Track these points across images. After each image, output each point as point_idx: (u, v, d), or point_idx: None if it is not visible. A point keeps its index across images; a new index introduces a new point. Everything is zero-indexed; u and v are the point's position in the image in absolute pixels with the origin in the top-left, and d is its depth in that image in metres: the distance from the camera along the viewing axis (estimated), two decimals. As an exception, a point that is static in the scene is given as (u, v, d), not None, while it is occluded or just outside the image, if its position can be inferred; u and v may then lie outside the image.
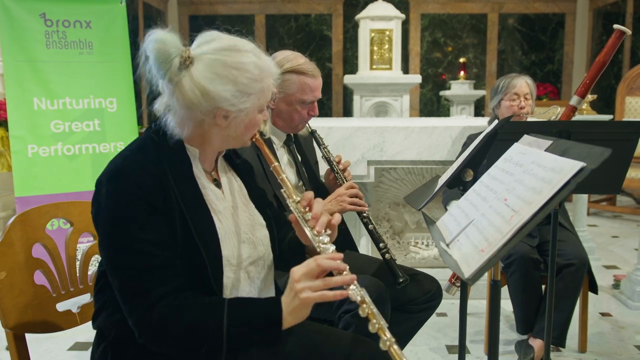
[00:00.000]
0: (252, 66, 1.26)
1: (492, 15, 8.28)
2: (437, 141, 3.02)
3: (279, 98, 1.99)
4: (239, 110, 1.26)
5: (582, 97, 2.72)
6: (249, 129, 1.33)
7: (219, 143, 1.34)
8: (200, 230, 1.25)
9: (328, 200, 1.97)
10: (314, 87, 1.99)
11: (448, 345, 2.76)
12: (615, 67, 7.32)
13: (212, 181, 1.38)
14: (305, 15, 8.23)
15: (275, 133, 2.07)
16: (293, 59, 1.98)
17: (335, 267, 1.17)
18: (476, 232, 1.21)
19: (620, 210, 5.74)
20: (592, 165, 1.04)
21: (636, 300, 3.22)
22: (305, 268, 1.17)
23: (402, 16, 6.69)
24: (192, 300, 1.20)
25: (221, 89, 1.22)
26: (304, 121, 2.05)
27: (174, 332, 1.18)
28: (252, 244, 1.37)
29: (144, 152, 1.27)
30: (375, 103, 6.40)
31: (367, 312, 1.13)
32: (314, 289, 1.15)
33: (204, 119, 1.27)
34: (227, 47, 1.26)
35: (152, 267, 1.18)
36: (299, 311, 1.18)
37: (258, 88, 1.27)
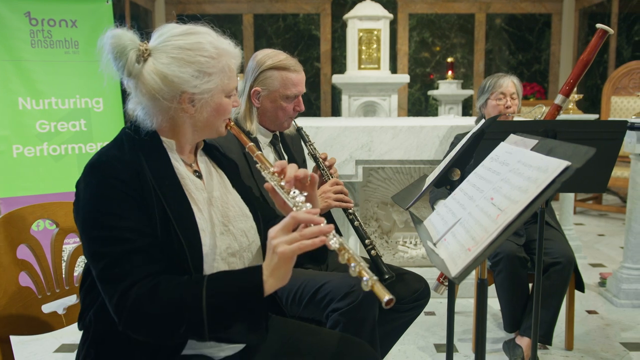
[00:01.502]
0: (208, 45, 1.27)
1: (479, 15, 8.32)
2: (425, 141, 3.03)
3: (262, 96, 1.99)
4: (203, 91, 1.27)
5: (566, 96, 2.74)
6: (218, 113, 1.33)
7: (191, 132, 1.34)
8: (179, 220, 1.24)
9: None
10: (297, 81, 1.99)
11: (436, 344, 2.77)
12: (601, 67, 7.39)
13: (193, 172, 1.38)
14: (293, 14, 8.23)
15: (261, 132, 2.07)
16: (273, 56, 1.99)
17: (311, 219, 1.14)
18: (463, 231, 1.22)
19: (606, 208, 5.80)
20: (577, 164, 1.05)
21: (622, 298, 3.26)
22: (281, 224, 1.14)
23: (390, 16, 6.70)
24: (169, 280, 1.19)
25: (180, 72, 1.24)
26: (290, 118, 2.05)
27: (149, 312, 1.15)
28: (232, 235, 1.36)
29: (120, 148, 1.28)
30: (363, 103, 6.41)
31: (347, 257, 1.10)
32: (290, 242, 1.12)
33: (170, 107, 1.27)
34: (182, 32, 1.28)
35: (129, 253, 1.18)
36: (279, 269, 1.14)
37: (218, 67, 1.28)
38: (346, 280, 1.78)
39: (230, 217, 1.38)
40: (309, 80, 8.37)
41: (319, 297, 1.80)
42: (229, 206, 1.40)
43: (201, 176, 1.39)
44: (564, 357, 2.64)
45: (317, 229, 1.13)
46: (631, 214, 3.23)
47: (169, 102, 1.27)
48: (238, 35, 8.20)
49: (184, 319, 1.15)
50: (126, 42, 1.25)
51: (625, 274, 3.28)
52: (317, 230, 1.13)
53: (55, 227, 1.67)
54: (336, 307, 1.74)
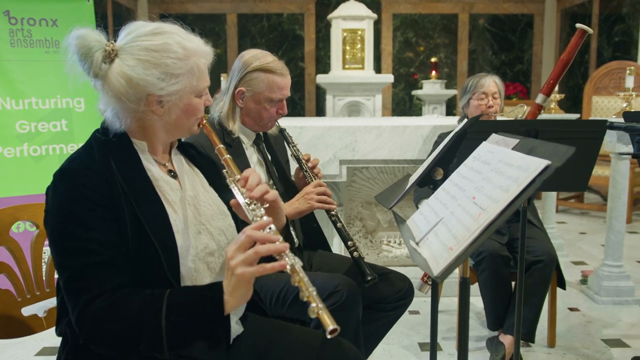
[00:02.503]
0: (175, 46, 1.25)
1: (462, 16, 8.37)
2: (409, 140, 3.04)
3: (247, 97, 1.98)
4: (170, 93, 1.25)
5: (547, 95, 2.77)
6: (188, 114, 1.31)
7: (163, 133, 1.33)
8: (152, 222, 1.23)
9: (296, 198, 1.97)
10: (282, 85, 1.98)
11: (421, 342, 2.79)
12: (582, 67, 7.47)
13: (168, 172, 1.36)
14: (277, 14, 8.21)
15: (245, 132, 2.06)
16: (261, 57, 1.98)
17: (266, 238, 1.13)
18: (445, 231, 1.22)
19: (588, 207, 5.87)
20: (557, 163, 1.05)
21: (603, 295, 3.30)
22: (236, 243, 1.13)
23: (374, 16, 6.72)
24: (130, 295, 1.17)
25: (144, 74, 1.22)
26: (273, 120, 2.05)
27: (109, 327, 1.14)
28: (210, 235, 1.35)
29: (89, 152, 1.27)
30: (347, 102, 6.41)
31: (298, 279, 1.09)
32: (247, 262, 1.11)
33: (137, 109, 1.26)
34: (148, 32, 1.26)
35: (93, 266, 1.16)
36: (239, 290, 1.13)
37: (185, 68, 1.26)
38: (330, 281, 1.78)
39: (207, 216, 1.36)
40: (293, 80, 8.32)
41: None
42: (206, 205, 1.39)
43: (176, 176, 1.38)
44: (546, 355, 2.67)
45: (273, 247, 1.11)
46: (612, 212, 3.27)
47: (136, 104, 1.25)
48: (222, 35, 8.17)
49: (143, 336, 1.14)
50: (92, 42, 1.22)
51: (606, 272, 3.32)
52: (273, 248, 1.11)
53: (36, 229, 1.65)
54: (320, 308, 1.74)
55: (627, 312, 3.16)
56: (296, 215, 1.95)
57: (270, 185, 2.08)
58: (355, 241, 1.99)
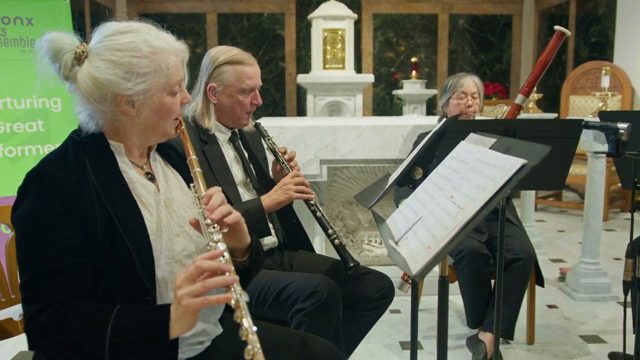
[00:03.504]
0: (141, 44, 1.23)
1: (442, 16, 8.42)
2: (389, 140, 3.05)
3: (219, 92, 1.98)
4: (138, 92, 1.23)
5: (526, 95, 2.80)
6: (162, 114, 1.29)
7: (136, 134, 1.31)
8: (126, 225, 1.21)
9: (274, 190, 1.97)
10: (251, 74, 1.99)
11: (402, 341, 2.80)
12: (560, 67, 7.57)
13: (145, 174, 1.35)
14: (257, 14, 8.18)
15: (219, 129, 2.05)
16: (226, 51, 1.99)
17: (216, 267, 1.09)
18: (424, 229, 1.23)
19: (566, 205, 5.94)
20: (533, 162, 1.06)
21: (581, 292, 3.34)
22: (184, 273, 1.10)
23: (355, 16, 6.73)
24: (78, 310, 1.15)
25: (109, 74, 1.21)
26: (248, 113, 2.04)
27: (54, 340, 1.13)
28: (188, 237, 1.34)
29: (64, 154, 1.25)
30: (328, 102, 6.42)
31: (240, 316, 1.04)
32: (193, 294, 1.07)
33: (107, 109, 1.24)
34: (115, 31, 1.25)
35: (50, 274, 1.15)
36: (184, 319, 1.10)
37: (152, 66, 1.23)
38: (310, 281, 1.78)
39: (186, 218, 1.35)
40: (273, 80, 8.36)
41: (283, 298, 1.79)
42: (184, 207, 1.37)
43: (153, 178, 1.36)
44: (525, 351, 2.69)
45: (221, 280, 1.08)
46: (589, 210, 3.32)
47: (103, 105, 1.23)
48: (202, 34, 8.12)
49: (86, 353, 1.12)
50: (62, 45, 1.22)
51: (584, 269, 3.37)
52: (221, 281, 1.07)
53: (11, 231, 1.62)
54: (300, 308, 1.74)
55: (604, 309, 3.20)
56: (275, 207, 1.96)
57: (247, 183, 2.08)
58: (335, 229, 1.99)
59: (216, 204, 1.20)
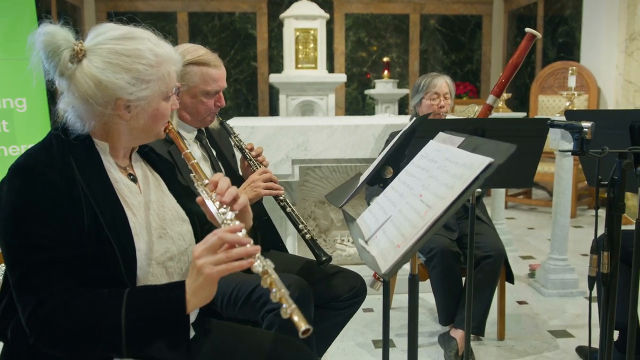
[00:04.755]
0: (147, 52, 1.24)
1: (413, 16, 8.49)
2: (360, 139, 3.06)
3: (182, 92, 1.95)
4: (139, 98, 1.24)
5: (497, 96, 2.84)
6: (156, 119, 1.30)
7: (127, 136, 1.30)
8: (111, 224, 1.20)
9: (242, 187, 1.95)
10: (217, 77, 1.96)
11: (375, 340, 2.81)
12: (529, 67, 7.69)
13: (128, 176, 1.34)
14: (229, 13, 8.13)
15: (184, 128, 2.02)
16: (193, 51, 1.96)
17: (237, 240, 1.13)
18: (393, 228, 1.24)
19: (535, 203, 6.04)
20: (500, 160, 1.08)
21: (549, 287, 3.40)
22: (206, 244, 1.13)
23: (327, 16, 6.74)
24: (87, 293, 1.14)
25: (114, 78, 1.20)
26: (212, 113, 2.02)
27: (64, 326, 1.11)
28: (170, 239, 1.34)
29: (49, 150, 1.23)
30: (301, 102, 6.41)
31: (269, 281, 1.10)
32: (216, 263, 1.10)
33: (104, 112, 1.23)
34: (120, 36, 1.24)
35: (48, 262, 1.13)
36: (203, 290, 1.12)
37: (156, 75, 1.25)
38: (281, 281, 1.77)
39: (167, 221, 1.35)
40: (246, 79, 8.32)
41: (254, 298, 1.78)
42: (165, 210, 1.37)
43: (136, 180, 1.36)
44: (496, 347, 2.73)
45: (243, 250, 1.11)
46: (557, 207, 3.38)
47: (103, 107, 1.22)
48: (172, 33, 8.03)
49: (102, 335, 1.11)
50: (60, 40, 1.19)
51: (552, 265, 3.43)
52: (243, 251, 1.11)
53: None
54: (271, 308, 1.73)
55: (572, 304, 3.27)
56: None
57: None
58: (306, 224, 1.99)
59: (225, 188, 1.24)
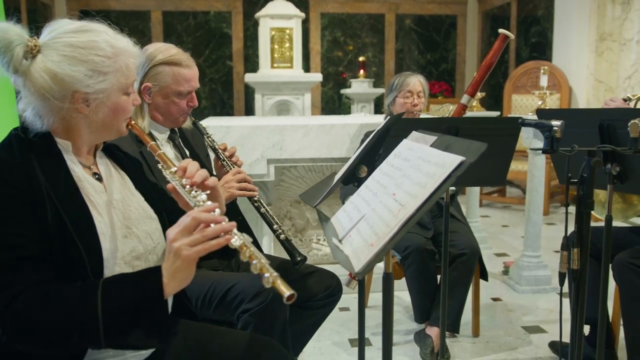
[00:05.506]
0: (103, 44, 1.23)
1: (389, 16, 8.53)
2: (336, 139, 3.07)
3: (154, 92, 1.93)
4: (97, 91, 1.23)
5: (471, 96, 2.88)
6: (116, 113, 1.29)
7: (88, 132, 1.29)
8: (76, 225, 1.18)
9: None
10: (189, 77, 1.94)
11: (351, 338, 2.82)
12: (503, 67, 7.79)
13: (92, 175, 1.32)
14: (204, 12, 8.07)
15: (157, 128, 2.00)
16: (165, 50, 1.93)
17: (212, 219, 1.12)
18: (367, 227, 1.24)
19: (509, 201, 6.12)
20: (471, 159, 1.09)
21: (523, 284, 3.45)
22: (180, 226, 1.11)
23: (302, 15, 6.73)
24: (60, 288, 1.12)
25: (70, 70, 1.19)
26: (185, 114, 2.00)
27: (38, 319, 1.09)
28: (137, 238, 1.32)
29: (8, 150, 1.21)
30: (277, 101, 6.40)
31: (248, 254, 1.09)
32: (192, 244, 1.10)
33: (62, 106, 1.22)
34: (75, 29, 1.23)
35: (18, 260, 1.11)
36: (181, 272, 1.11)
37: (114, 66, 1.24)
38: (256, 281, 1.76)
39: (133, 220, 1.33)
40: (221, 79, 8.27)
41: (229, 299, 1.77)
42: (131, 208, 1.35)
43: (101, 179, 1.34)
44: (471, 344, 2.76)
45: (219, 227, 1.11)
46: (530, 205, 3.43)
47: (60, 101, 1.21)
48: (146, 32, 7.94)
49: (77, 326, 1.10)
50: (12, 36, 1.18)
51: (526, 262, 3.48)
52: (219, 228, 1.11)
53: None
54: (246, 308, 1.73)
55: (545, 300, 3.32)
56: None
57: None
58: (280, 224, 1.99)
59: (194, 171, 1.25)
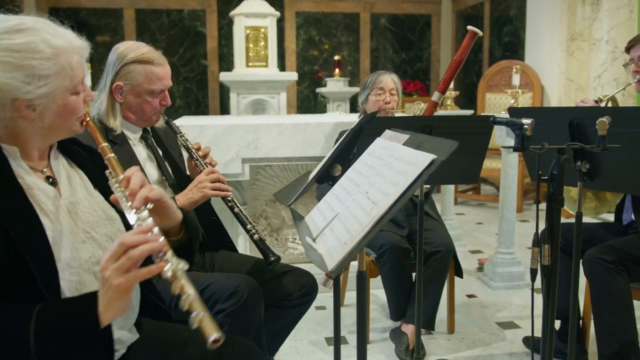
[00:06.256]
0: (42, 45, 1.14)
1: (364, 15, 8.56)
2: (311, 137, 3.06)
3: (125, 91, 1.90)
4: (40, 96, 1.15)
5: (442, 93, 2.89)
6: (65, 115, 1.22)
7: (38, 138, 1.22)
8: (23, 236, 1.11)
9: (189, 188, 1.92)
10: (162, 75, 1.92)
11: (327, 337, 2.82)
12: (477, 66, 7.88)
13: (45, 179, 1.25)
14: (177, 10, 7.99)
15: (129, 128, 1.97)
16: (136, 49, 1.90)
17: (141, 240, 1.04)
18: (340, 226, 1.24)
19: (484, 198, 6.19)
20: (442, 157, 1.10)
21: (497, 280, 3.49)
22: (109, 252, 1.03)
23: (277, 14, 6.71)
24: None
25: (5, 77, 1.11)
26: (157, 112, 1.98)
27: None
28: (96, 243, 1.25)
29: None
30: (252, 100, 6.37)
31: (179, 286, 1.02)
32: (122, 271, 1.01)
33: (4, 116, 1.15)
34: (8, 29, 1.13)
35: None
36: (115, 302, 1.04)
37: (55, 68, 1.16)
38: (230, 281, 1.76)
39: (91, 223, 1.27)
40: (196, 78, 8.20)
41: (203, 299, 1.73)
42: (89, 211, 1.28)
43: (56, 182, 1.27)
44: (446, 340, 2.78)
45: (147, 248, 1.03)
46: (503, 202, 3.47)
47: (0, 111, 1.14)
48: (119, 30, 7.84)
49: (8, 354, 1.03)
50: None
51: (500, 259, 3.52)
52: (147, 248, 1.03)
53: None
54: (221, 308, 1.72)
55: (519, 296, 3.36)
56: (191, 206, 1.90)
57: (162, 181, 2.01)
58: (254, 224, 1.98)
59: (137, 186, 1.17)
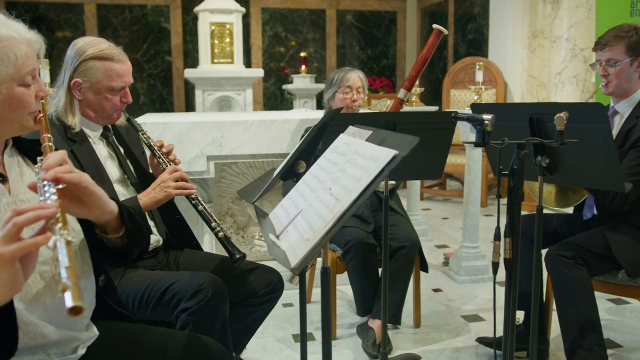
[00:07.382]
0: None
1: (330, 11, 8.57)
2: (276, 134, 3.05)
3: (84, 88, 1.85)
4: None
5: (408, 90, 2.91)
6: (13, 107, 1.19)
7: None
8: None
9: (152, 187, 1.89)
10: (122, 72, 1.88)
11: (294, 334, 2.81)
12: (442, 63, 7.96)
13: None
14: (140, 5, 7.86)
15: (89, 126, 1.93)
16: (95, 45, 1.85)
17: (31, 207, 0.98)
18: (303, 222, 1.23)
19: (449, 193, 6.28)
20: (404, 152, 1.10)
21: (462, 274, 3.54)
22: (3, 232, 0.96)
23: (242, 10, 6.66)
24: None
25: None
26: (118, 110, 1.93)
27: None
28: None
29: None
30: (218, 97, 6.31)
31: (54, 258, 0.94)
32: (6, 239, 0.94)
33: None
34: None
35: None
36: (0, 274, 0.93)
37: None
38: (194, 279, 1.74)
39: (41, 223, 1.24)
40: (160, 74, 8.08)
41: (167, 298, 1.73)
42: None
43: (6, 180, 1.25)
44: (412, 334, 2.81)
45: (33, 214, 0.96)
46: (468, 197, 3.52)
47: None
48: (79, 26, 7.66)
49: None
50: None
51: (465, 253, 3.57)
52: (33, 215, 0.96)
53: None
54: (185, 307, 1.70)
55: (483, 289, 3.42)
56: (154, 205, 1.87)
57: (124, 180, 1.98)
58: (219, 222, 1.96)
59: (54, 163, 1.09)
